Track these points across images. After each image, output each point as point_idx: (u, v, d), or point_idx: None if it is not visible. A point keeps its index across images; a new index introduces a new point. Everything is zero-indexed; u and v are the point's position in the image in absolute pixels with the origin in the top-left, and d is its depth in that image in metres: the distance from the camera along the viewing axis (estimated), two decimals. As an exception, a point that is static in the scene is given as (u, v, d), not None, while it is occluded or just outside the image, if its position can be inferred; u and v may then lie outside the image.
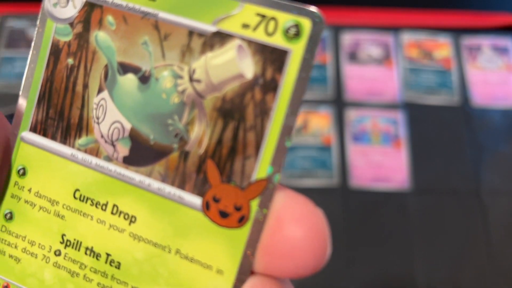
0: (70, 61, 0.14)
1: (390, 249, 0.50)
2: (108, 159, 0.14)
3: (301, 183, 0.51)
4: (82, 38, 0.14)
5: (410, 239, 0.50)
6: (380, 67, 0.58)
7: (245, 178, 0.13)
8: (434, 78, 0.57)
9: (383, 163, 0.53)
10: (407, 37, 0.60)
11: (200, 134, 0.13)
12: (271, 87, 0.13)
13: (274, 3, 0.13)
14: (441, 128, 0.55)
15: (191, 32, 0.13)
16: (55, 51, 0.15)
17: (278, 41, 0.13)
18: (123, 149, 0.14)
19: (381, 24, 0.61)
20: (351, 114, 0.55)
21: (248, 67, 0.13)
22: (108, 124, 0.14)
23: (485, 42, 0.60)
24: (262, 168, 0.13)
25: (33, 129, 0.15)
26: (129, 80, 0.14)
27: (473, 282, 0.48)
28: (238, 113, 0.13)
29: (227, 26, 0.13)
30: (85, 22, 0.14)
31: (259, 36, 0.13)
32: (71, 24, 0.14)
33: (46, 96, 0.15)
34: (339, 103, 0.56)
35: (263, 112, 0.13)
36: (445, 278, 0.49)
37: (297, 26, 0.13)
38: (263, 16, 0.13)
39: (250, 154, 0.13)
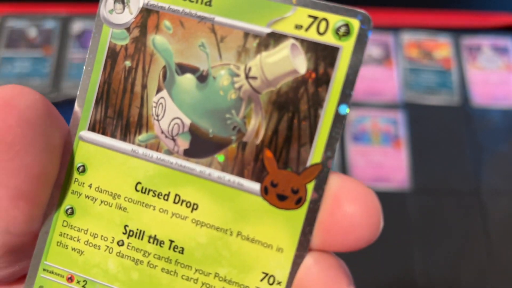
0: (128, 63, 0.15)
1: (390, 249, 0.50)
2: (169, 152, 0.15)
3: (301, 183, 0.52)
4: (139, 41, 0.15)
5: (410, 239, 0.50)
6: (380, 67, 0.58)
7: (301, 164, 0.14)
8: (434, 78, 0.58)
9: (383, 163, 0.53)
10: (407, 37, 0.60)
11: (257, 126, 0.14)
12: (323, 80, 0.14)
13: (324, 5, 0.14)
14: (441, 128, 0.55)
15: (247, 34, 0.14)
16: (112, 55, 0.15)
17: (329, 39, 0.14)
18: (184, 143, 0.15)
19: (381, 24, 0.61)
20: (351, 114, 0.55)
21: (301, 64, 0.14)
22: (168, 120, 0.15)
23: (485, 42, 0.60)
24: (316, 154, 0.14)
25: (92, 128, 0.16)
26: (188, 80, 0.15)
27: (473, 281, 0.49)
28: (293, 105, 0.14)
29: (280, 28, 0.14)
30: (142, 27, 0.15)
31: (311, 35, 0.14)
32: (128, 29, 0.15)
33: (104, 97, 0.15)
34: (339, 103, 0.56)
35: (317, 103, 0.14)
36: (445, 278, 0.49)
37: (347, 25, 0.14)
38: (315, 18, 0.14)
39: (305, 142, 0.14)
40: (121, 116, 0.15)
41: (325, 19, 0.14)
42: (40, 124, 0.14)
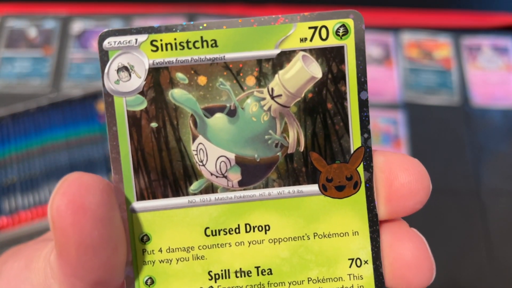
0: (154, 124, 0.16)
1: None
2: (225, 190, 0.16)
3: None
4: (158, 101, 0.15)
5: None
6: (380, 67, 0.58)
7: (346, 153, 0.16)
8: (434, 78, 0.58)
9: (383, 163, 0.53)
10: (407, 37, 0.60)
11: (296, 136, 0.16)
12: (340, 77, 0.16)
13: (319, 15, 0.16)
14: (441, 128, 0.55)
15: (259, 60, 0.15)
16: (134, 122, 0.16)
17: (332, 41, 0.16)
18: (235, 176, 0.16)
19: (381, 24, 0.61)
20: (351, 114, 0.55)
21: (316, 69, 0.16)
22: (213, 162, 0.16)
23: (485, 42, 0.60)
24: (355, 139, 0.16)
25: (140, 197, 0.16)
26: (219, 119, 0.16)
27: (472, 281, 0.49)
28: (321, 107, 0.16)
29: (288, 45, 0.15)
30: (156, 86, 0.15)
31: (316, 43, 0.16)
32: (142, 93, 0.15)
33: (141, 164, 0.16)
34: (339, 103, 0.56)
35: (341, 97, 0.16)
36: (444, 278, 0.49)
37: (344, 25, 0.15)
38: (315, 28, 0.16)
39: (343, 134, 0.16)
40: (166, 175, 0.16)
41: (324, 26, 0.15)
42: (110, 218, 0.15)
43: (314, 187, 0.16)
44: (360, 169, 0.16)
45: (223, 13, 0.60)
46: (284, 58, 0.15)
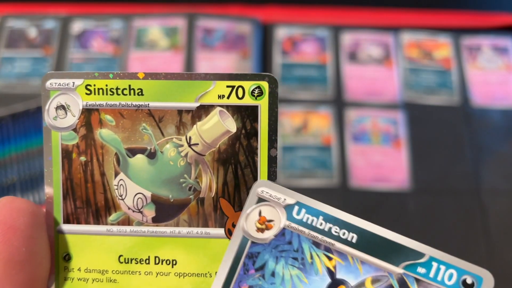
0: (83, 158, 0.18)
1: (390, 249, 0.50)
2: (140, 223, 0.18)
3: (301, 183, 0.51)
4: (88, 138, 0.17)
5: (410, 239, 0.50)
6: (380, 67, 0.58)
7: None
8: (434, 78, 0.58)
9: (383, 163, 0.53)
10: (407, 37, 0.60)
11: (209, 182, 0.17)
12: (252, 133, 0.17)
13: (237, 75, 0.17)
14: (441, 128, 0.55)
15: (180, 111, 0.17)
16: (66, 154, 0.18)
17: (248, 101, 0.17)
18: (150, 212, 0.18)
19: (381, 24, 0.61)
20: (351, 114, 0.55)
21: (231, 124, 0.17)
22: (131, 197, 0.17)
23: (485, 42, 0.60)
24: None
25: (66, 221, 0.18)
26: (139, 159, 0.17)
27: (473, 282, 0.49)
28: (233, 158, 0.17)
29: (207, 100, 0.17)
30: (87, 125, 0.17)
31: (233, 101, 0.17)
32: (75, 130, 0.17)
33: (69, 192, 0.18)
34: (339, 103, 0.56)
35: (252, 152, 0.17)
36: (445, 278, 0.49)
37: (259, 87, 0.17)
38: (232, 87, 0.17)
39: (251, 184, 0.17)
40: (90, 204, 0.18)
41: (241, 86, 0.17)
42: (37, 236, 0.17)
43: (221, 231, 0.17)
44: None
45: (223, 13, 0.60)
46: (202, 111, 0.17)
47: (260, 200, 0.17)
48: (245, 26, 0.59)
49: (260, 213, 0.17)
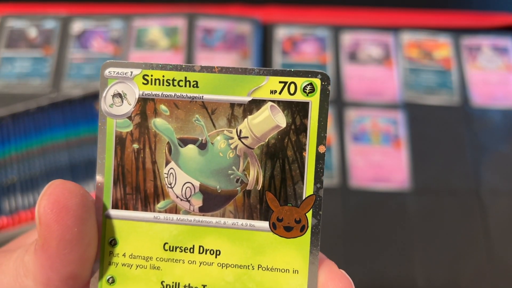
0: (135, 146, 0.18)
1: (390, 249, 0.50)
2: (187, 212, 0.18)
3: (301, 183, 0.52)
4: (142, 126, 0.18)
5: (410, 239, 0.50)
6: (380, 67, 0.58)
7: (298, 198, 0.17)
8: (434, 78, 0.58)
9: (383, 163, 0.53)
10: (407, 37, 0.60)
11: (256, 175, 0.18)
12: (302, 129, 0.17)
13: (290, 72, 0.17)
14: (441, 128, 0.55)
15: (232, 104, 0.18)
16: (120, 141, 0.18)
17: (299, 97, 0.17)
18: (197, 202, 0.18)
19: (381, 24, 0.61)
20: (351, 114, 0.55)
21: (281, 119, 0.17)
22: (180, 186, 0.18)
23: (485, 42, 0.60)
24: (309, 187, 0.17)
25: (115, 206, 0.18)
26: (190, 150, 0.18)
27: (472, 282, 0.49)
28: (281, 153, 0.17)
29: (259, 94, 0.17)
30: (142, 114, 0.18)
31: (285, 96, 0.17)
32: (130, 118, 0.18)
33: (120, 178, 0.18)
34: (339, 103, 0.56)
35: (300, 147, 0.17)
36: (444, 278, 0.49)
37: (311, 84, 0.17)
38: (284, 82, 0.17)
39: (298, 180, 0.17)
40: (139, 191, 0.18)
41: (293, 82, 0.17)
42: (87, 218, 0.17)
43: (265, 224, 0.18)
44: (309, 214, 0.17)
45: (223, 13, 0.60)
46: (254, 105, 0.18)
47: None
48: (245, 26, 0.59)
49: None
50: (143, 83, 0.18)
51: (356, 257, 0.49)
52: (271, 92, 0.17)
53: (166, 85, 0.18)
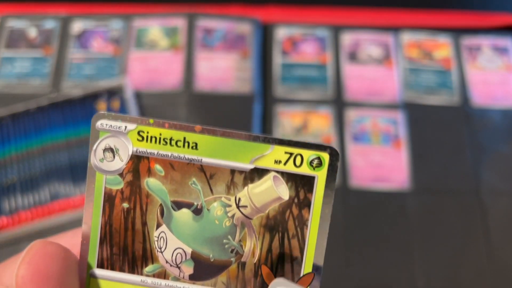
0: (125, 205, 0.17)
1: (389, 249, 0.50)
2: (176, 279, 0.17)
3: (301, 183, 0.52)
4: (134, 185, 0.17)
5: (410, 238, 0.50)
6: (380, 67, 0.58)
7: (295, 275, 0.17)
8: (434, 78, 0.58)
9: (383, 163, 0.53)
10: (407, 37, 0.60)
11: (252, 247, 0.17)
12: (305, 203, 0.17)
13: (297, 143, 0.16)
14: (441, 128, 0.55)
15: (233, 170, 0.17)
16: (109, 199, 0.17)
17: (305, 170, 0.16)
18: (188, 269, 0.17)
19: (381, 24, 0.61)
20: (351, 114, 0.55)
21: (284, 191, 0.17)
22: (171, 251, 0.17)
23: (485, 42, 0.60)
24: (307, 265, 0.17)
25: (100, 265, 0.17)
26: (184, 214, 0.17)
27: (472, 281, 0.49)
28: (281, 226, 0.17)
29: (262, 163, 0.17)
30: (134, 172, 0.17)
31: (289, 168, 0.16)
32: (121, 175, 0.17)
33: (107, 237, 0.17)
34: (339, 103, 0.56)
35: (302, 222, 0.17)
36: (444, 278, 0.49)
37: (319, 158, 0.16)
38: (290, 153, 0.16)
39: (297, 256, 0.17)
40: (127, 252, 0.17)
41: (300, 154, 0.16)
42: (70, 283, 0.16)
43: None
44: None
45: (223, 14, 0.60)
46: (256, 174, 0.17)
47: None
48: (245, 26, 0.59)
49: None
50: (138, 139, 0.17)
51: (356, 257, 0.49)
52: (276, 162, 0.17)
53: (163, 144, 0.17)
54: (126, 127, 0.17)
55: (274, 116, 0.55)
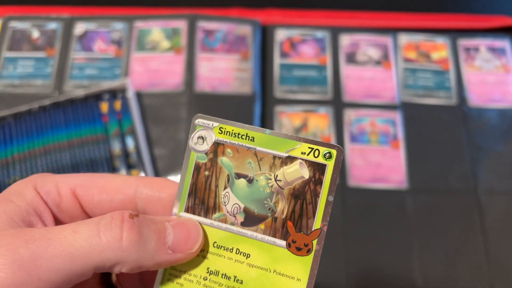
0: (206, 173, 0.25)
1: (388, 248, 0.50)
2: (232, 224, 0.25)
3: (301, 182, 0.52)
4: (213, 161, 0.25)
5: (408, 238, 0.50)
6: (378, 68, 0.58)
7: (309, 229, 0.24)
8: (431, 78, 0.58)
9: (381, 163, 0.54)
10: (405, 39, 0.60)
11: (282, 208, 0.24)
12: (318, 182, 0.24)
13: (317, 142, 0.24)
14: (439, 128, 0.55)
15: (274, 156, 0.24)
16: (197, 168, 0.25)
17: (320, 160, 0.24)
18: (240, 218, 0.25)
19: (380, 26, 0.62)
20: (350, 114, 0.56)
21: (306, 173, 0.24)
22: (231, 205, 0.25)
23: (482, 43, 0.60)
24: (317, 223, 0.24)
25: (186, 210, 0.25)
26: (242, 182, 0.25)
27: (470, 280, 0.49)
28: (302, 196, 0.24)
29: (293, 153, 0.24)
30: (214, 152, 0.25)
31: (310, 157, 0.24)
32: (206, 154, 0.25)
33: (193, 193, 0.25)
34: (338, 104, 0.56)
35: (315, 195, 0.24)
36: (442, 277, 0.49)
37: (330, 153, 0.24)
38: (312, 148, 0.24)
39: (310, 216, 0.24)
40: (204, 203, 0.25)
41: (318, 149, 0.24)
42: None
43: (283, 242, 0.24)
44: (315, 242, 0.24)
45: (223, 16, 0.60)
46: (289, 160, 0.24)
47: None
48: (245, 27, 0.59)
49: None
50: (218, 132, 0.25)
51: (355, 256, 0.49)
52: (302, 153, 0.24)
53: (233, 137, 0.25)
54: (213, 124, 0.25)
55: (274, 116, 0.55)
